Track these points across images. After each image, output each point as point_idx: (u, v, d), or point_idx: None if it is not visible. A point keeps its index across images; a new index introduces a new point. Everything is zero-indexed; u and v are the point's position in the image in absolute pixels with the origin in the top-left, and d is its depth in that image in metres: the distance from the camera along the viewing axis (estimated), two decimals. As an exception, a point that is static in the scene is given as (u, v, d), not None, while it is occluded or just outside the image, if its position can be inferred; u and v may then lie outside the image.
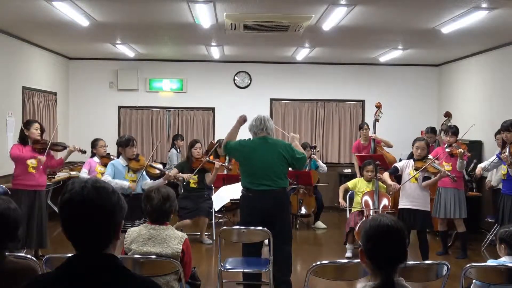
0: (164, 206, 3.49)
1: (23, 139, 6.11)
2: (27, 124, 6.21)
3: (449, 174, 5.87)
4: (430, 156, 6.09)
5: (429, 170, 5.82)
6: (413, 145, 6.05)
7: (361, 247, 2.16)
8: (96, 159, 6.94)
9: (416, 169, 5.84)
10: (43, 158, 6.06)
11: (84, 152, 6.61)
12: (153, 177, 6.28)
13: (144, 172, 6.01)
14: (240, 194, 5.15)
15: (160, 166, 6.54)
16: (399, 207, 6.06)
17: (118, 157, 6.08)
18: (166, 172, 6.35)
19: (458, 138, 6.68)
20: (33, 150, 6.08)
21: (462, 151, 6.27)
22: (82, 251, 1.70)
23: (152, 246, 3.42)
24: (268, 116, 5.15)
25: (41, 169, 6.12)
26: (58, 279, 1.67)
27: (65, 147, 6.40)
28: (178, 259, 3.42)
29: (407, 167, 5.97)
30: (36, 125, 6.17)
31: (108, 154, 6.89)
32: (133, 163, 5.94)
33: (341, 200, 6.96)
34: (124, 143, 5.94)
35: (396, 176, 6.12)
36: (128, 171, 5.88)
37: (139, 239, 3.45)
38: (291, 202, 6.57)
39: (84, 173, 6.81)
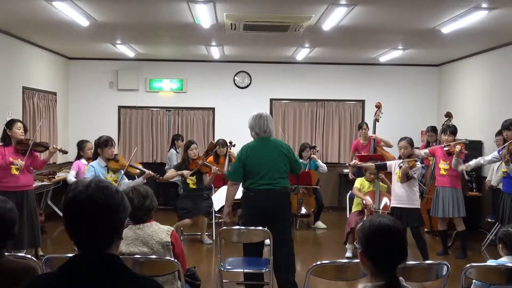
0: (145, 204, 3.44)
1: (4, 139, 5.92)
2: (9, 123, 6.00)
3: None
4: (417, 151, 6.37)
5: (410, 165, 5.98)
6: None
7: (361, 249, 2.13)
8: (83, 161, 6.85)
9: (399, 167, 6.03)
10: (21, 162, 5.83)
11: (66, 152, 6.45)
12: (133, 176, 6.23)
13: (122, 172, 6.00)
14: (241, 195, 5.13)
15: (140, 166, 6.45)
16: (391, 206, 6.21)
17: (95, 158, 5.99)
18: (146, 171, 6.21)
19: (456, 138, 6.73)
20: (15, 151, 5.91)
21: (459, 148, 6.31)
22: (85, 250, 1.70)
23: (142, 245, 3.40)
24: (269, 116, 5.08)
25: (24, 169, 5.92)
26: (60, 279, 1.68)
27: (47, 148, 6.19)
28: (169, 251, 3.42)
29: (395, 167, 6.13)
30: (19, 124, 5.97)
31: None
32: (112, 163, 5.92)
33: (366, 200, 6.58)
34: (103, 144, 5.92)
35: (387, 174, 6.37)
36: (108, 172, 5.86)
37: (126, 241, 3.41)
38: (291, 202, 6.53)
39: (72, 176, 6.63)
